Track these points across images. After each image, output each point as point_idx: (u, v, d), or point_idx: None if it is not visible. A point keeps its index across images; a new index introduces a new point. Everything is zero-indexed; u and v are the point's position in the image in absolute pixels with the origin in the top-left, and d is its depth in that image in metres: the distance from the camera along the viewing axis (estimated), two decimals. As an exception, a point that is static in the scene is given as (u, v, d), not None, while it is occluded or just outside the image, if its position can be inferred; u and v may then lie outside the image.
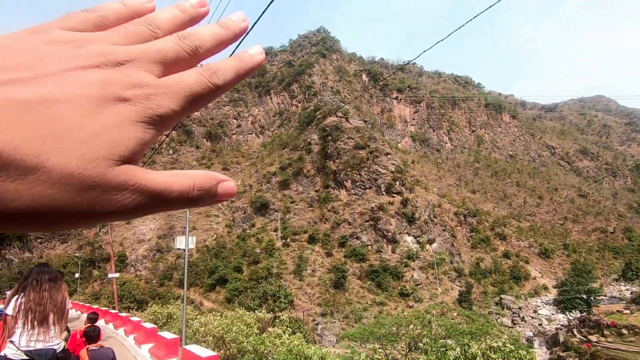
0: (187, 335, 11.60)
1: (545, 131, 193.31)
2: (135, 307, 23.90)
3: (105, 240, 76.81)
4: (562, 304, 43.63)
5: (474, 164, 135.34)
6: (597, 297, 40.62)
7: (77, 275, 43.60)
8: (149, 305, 24.90)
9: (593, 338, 33.67)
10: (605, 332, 33.44)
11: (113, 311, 17.05)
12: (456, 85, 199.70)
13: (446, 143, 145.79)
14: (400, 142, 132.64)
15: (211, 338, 9.15)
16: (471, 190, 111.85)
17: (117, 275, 21.78)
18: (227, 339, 8.91)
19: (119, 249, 72.98)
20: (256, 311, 17.80)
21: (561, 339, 37.81)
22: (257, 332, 10.19)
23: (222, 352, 8.88)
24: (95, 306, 20.59)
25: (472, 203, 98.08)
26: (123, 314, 14.33)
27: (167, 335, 8.38)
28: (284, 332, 9.68)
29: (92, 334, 4.89)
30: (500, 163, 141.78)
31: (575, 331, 37.26)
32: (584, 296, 39.51)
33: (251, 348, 8.48)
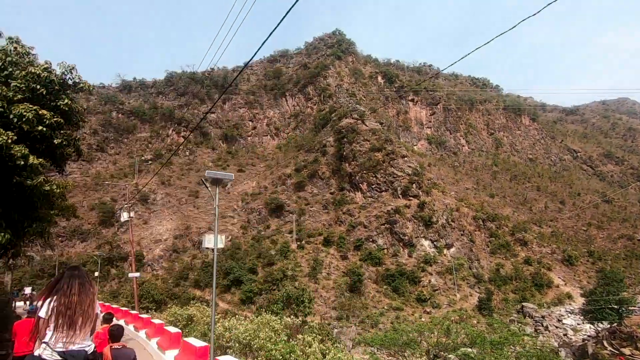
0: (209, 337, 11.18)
1: (567, 134, 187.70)
2: (154, 307, 23.55)
3: (122, 240, 78.03)
4: (591, 314, 41.59)
5: (492, 168, 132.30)
6: (629, 308, 38.55)
7: (96, 274, 44.09)
8: (167, 306, 24.64)
9: (626, 351, 31.88)
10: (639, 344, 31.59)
11: (133, 312, 16.69)
12: (473, 87, 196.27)
13: (463, 146, 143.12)
14: (416, 145, 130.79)
15: (237, 344, 8.58)
16: (489, 195, 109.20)
17: (138, 274, 21.59)
18: (255, 346, 8.34)
19: (136, 248, 73.81)
20: (280, 316, 17.26)
21: (590, 350, 36.02)
22: (285, 339, 9.58)
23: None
24: (114, 305, 20.36)
25: (490, 207, 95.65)
26: (144, 315, 13.95)
27: (195, 342, 7.82)
28: (314, 340, 9.08)
29: (115, 333, 5.05)
30: (520, 167, 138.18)
31: (605, 343, 35.42)
32: (615, 306, 37.57)
33: (280, 357, 7.89)
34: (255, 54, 7.37)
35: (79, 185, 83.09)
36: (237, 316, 13.77)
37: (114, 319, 5.71)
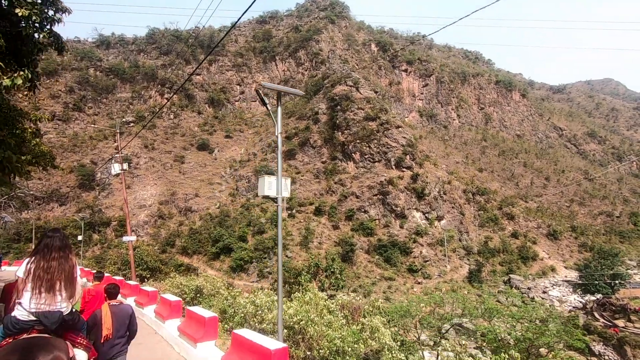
0: (231, 317, 9.28)
1: (554, 112, 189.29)
2: (149, 275, 21.49)
3: (104, 204, 74.69)
4: (583, 286, 42.56)
5: (481, 142, 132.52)
6: (622, 282, 39.54)
7: (80, 237, 41.46)
8: (163, 274, 22.66)
9: (619, 323, 32.38)
10: (633, 317, 32.11)
11: (131, 282, 14.12)
12: (466, 60, 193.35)
13: (454, 120, 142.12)
14: (407, 117, 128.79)
15: (285, 330, 6.67)
16: (478, 169, 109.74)
17: (134, 238, 19.21)
18: (310, 333, 6.44)
19: (119, 213, 70.98)
20: (328, 293, 15.54)
21: (581, 321, 36.65)
22: (343, 322, 7.80)
23: (301, 351, 6.41)
24: (107, 274, 17.97)
25: (479, 181, 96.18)
26: (149, 289, 11.60)
27: (255, 336, 5.18)
28: (383, 325, 7.38)
29: (112, 291, 5.15)
30: (508, 142, 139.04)
31: (596, 315, 36.01)
32: (608, 280, 38.43)
33: (349, 349, 6.12)
34: (244, 13, 6.76)
35: (54, 146, 78.00)
36: (262, 289, 11.53)
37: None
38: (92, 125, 77.89)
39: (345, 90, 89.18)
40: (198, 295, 11.80)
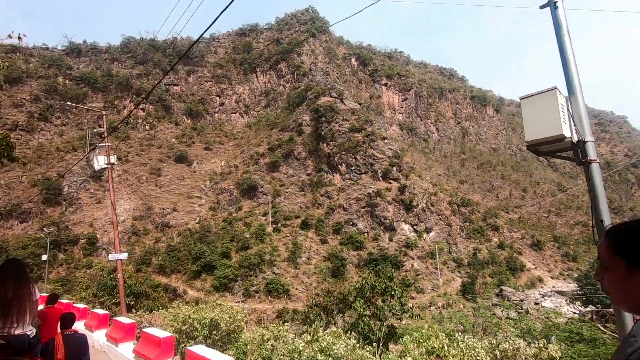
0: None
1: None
2: (133, 302, 17.96)
3: (72, 220, 68.77)
4: (583, 297, 42.17)
5: (460, 155, 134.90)
6: None
7: (44, 257, 36.49)
8: (151, 299, 19.14)
9: (627, 334, 31.33)
10: None
11: (126, 321, 9.56)
12: (441, 76, 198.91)
13: (433, 133, 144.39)
14: (388, 130, 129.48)
15: None
16: (459, 181, 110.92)
17: (125, 256, 15.51)
18: None
19: (89, 230, 65.44)
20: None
21: (585, 333, 35.52)
22: None
23: None
24: (80, 304, 14.57)
25: (462, 193, 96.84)
26: (100, 312, 9.47)
27: (208, 352, 5.20)
28: None
29: (67, 320, 5.05)
30: (485, 155, 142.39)
31: (600, 326, 34.99)
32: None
33: None
34: (219, 16, 6.23)
35: (16, 157, 71.60)
36: (282, 325, 8.10)
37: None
38: (94, 130, 72.39)
39: (330, 102, 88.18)
40: (214, 332, 8.96)
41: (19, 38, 7.95)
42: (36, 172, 74.19)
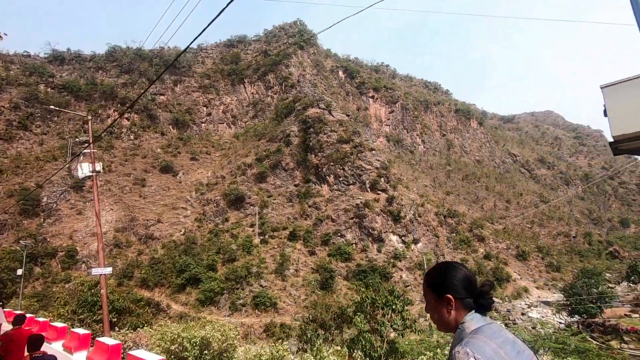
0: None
1: (507, 140, 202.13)
2: (115, 319, 16.90)
3: (50, 232, 66.21)
4: (569, 307, 42.54)
5: (445, 167, 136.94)
6: (608, 301, 39.88)
7: (19, 271, 34.57)
8: (135, 316, 18.10)
9: (614, 344, 31.81)
10: (626, 337, 31.72)
11: (109, 342, 8.95)
12: (426, 89, 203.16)
13: (419, 145, 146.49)
14: (375, 142, 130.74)
15: None
16: (445, 192, 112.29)
17: (109, 270, 14.55)
18: None
19: (68, 242, 63.06)
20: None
21: (572, 345, 35.89)
22: None
23: None
24: (59, 323, 13.44)
25: (448, 204, 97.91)
26: (59, 325, 9.06)
27: (148, 355, 5.87)
28: None
29: (34, 342, 4.85)
30: (470, 167, 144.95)
31: (588, 337, 35.41)
32: (594, 300, 38.61)
33: None
34: (206, 27, 6.61)
35: (-7, 167, 69.04)
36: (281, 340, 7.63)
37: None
38: (77, 139, 70.25)
39: (318, 113, 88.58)
40: (205, 351, 8.38)
41: None
42: (13, 182, 71.53)
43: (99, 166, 15.55)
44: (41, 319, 13.67)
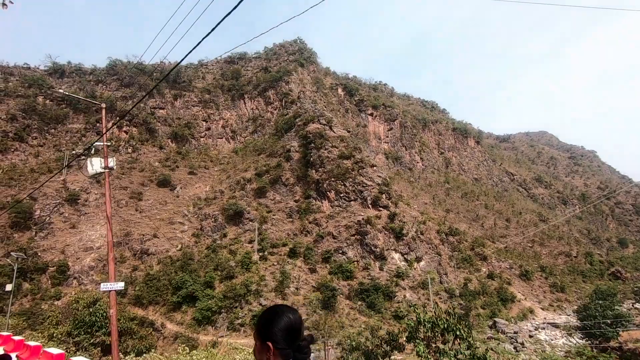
0: None
1: (503, 159, 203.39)
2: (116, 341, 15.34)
3: (41, 246, 63.91)
4: (584, 330, 41.02)
5: (444, 185, 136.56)
6: (625, 324, 38.43)
7: (8, 287, 32.52)
8: (137, 338, 16.45)
9: (634, 370, 30.25)
10: (647, 362, 30.23)
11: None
12: (424, 108, 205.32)
13: (418, 163, 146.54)
14: (374, 159, 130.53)
15: None
16: (445, 210, 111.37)
17: (121, 285, 12.77)
18: None
19: (60, 257, 60.81)
20: None
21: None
22: None
23: None
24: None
25: (448, 222, 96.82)
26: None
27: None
28: None
29: None
30: (469, 185, 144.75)
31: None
32: (608, 322, 37.17)
33: None
34: (204, 38, 6.65)
35: (-14, 178, 67.25)
36: None
37: None
38: (74, 151, 68.88)
39: (319, 129, 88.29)
40: None
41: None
42: (6, 194, 69.57)
43: (112, 161, 14.16)
44: (32, 343, 12.13)
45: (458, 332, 12.14)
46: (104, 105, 15.06)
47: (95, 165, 13.65)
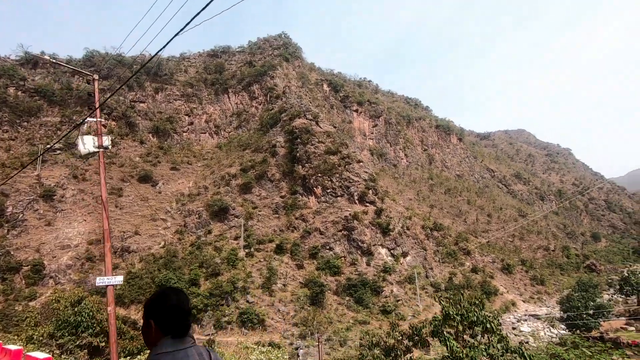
0: None
1: (484, 156, 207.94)
2: (103, 342, 14.32)
3: (15, 244, 60.87)
4: (567, 321, 42.23)
5: (428, 181, 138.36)
6: (603, 314, 39.77)
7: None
8: (128, 339, 15.49)
9: (616, 359, 31.16)
10: (627, 352, 31.23)
11: None
12: (408, 105, 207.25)
13: (402, 159, 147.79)
14: (359, 155, 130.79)
15: None
16: (429, 206, 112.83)
17: (120, 279, 11.33)
18: None
19: (35, 256, 58.07)
20: None
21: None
22: None
23: None
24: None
25: (433, 218, 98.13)
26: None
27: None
28: None
29: None
30: (451, 181, 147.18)
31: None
32: (591, 313, 38.41)
33: None
34: (177, 34, 6.38)
35: (-48, 173, 63.38)
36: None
37: None
38: (48, 145, 65.48)
39: (305, 124, 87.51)
40: None
41: None
42: (-25, 190, 65.76)
43: (107, 140, 12.81)
44: (12, 347, 11.15)
45: (488, 325, 11.55)
46: (96, 76, 13.71)
47: (87, 144, 12.23)
